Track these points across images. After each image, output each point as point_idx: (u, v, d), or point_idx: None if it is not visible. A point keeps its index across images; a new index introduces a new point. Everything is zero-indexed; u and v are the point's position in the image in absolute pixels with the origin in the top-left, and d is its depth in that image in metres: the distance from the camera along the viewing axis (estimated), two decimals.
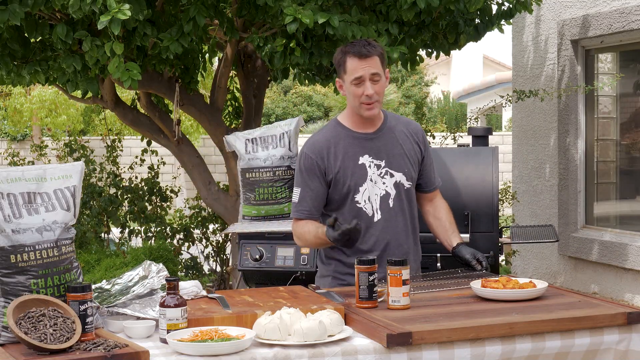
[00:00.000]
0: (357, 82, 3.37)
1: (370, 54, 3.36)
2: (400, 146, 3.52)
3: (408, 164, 3.51)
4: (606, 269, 7.42)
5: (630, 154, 7.67)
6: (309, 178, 3.48)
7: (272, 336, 2.61)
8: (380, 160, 3.48)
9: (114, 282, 3.05)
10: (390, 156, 3.49)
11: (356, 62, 3.36)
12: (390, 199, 3.48)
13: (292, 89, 26.47)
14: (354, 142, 3.48)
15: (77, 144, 8.97)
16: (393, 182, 3.48)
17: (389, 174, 3.48)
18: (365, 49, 3.36)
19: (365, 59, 3.36)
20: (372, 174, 3.46)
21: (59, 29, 5.07)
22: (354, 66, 3.37)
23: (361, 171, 3.46)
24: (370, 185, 3.46)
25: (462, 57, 22.91)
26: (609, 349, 2.82)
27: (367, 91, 3.37)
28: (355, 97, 3.40)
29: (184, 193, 14.01)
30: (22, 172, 2.73)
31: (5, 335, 2.61)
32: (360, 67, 3.36)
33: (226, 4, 5.71)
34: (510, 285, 3.07)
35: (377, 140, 3.50)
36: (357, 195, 3.45)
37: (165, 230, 8.13)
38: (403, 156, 3.51)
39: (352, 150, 3.47)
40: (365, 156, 3.47)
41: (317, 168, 3.46)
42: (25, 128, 16.72)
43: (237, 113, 7.62)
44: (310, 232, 3.46)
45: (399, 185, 3.49)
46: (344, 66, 3.40)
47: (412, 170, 3.53)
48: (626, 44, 7.39)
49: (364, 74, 3.36)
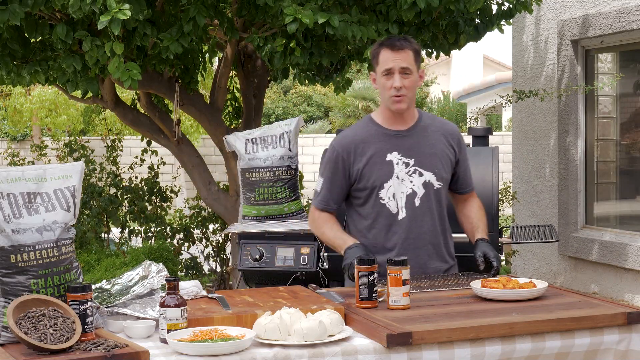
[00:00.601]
0: (387, 73, 3.38)
1: (404, 47, 3.37)
2: (432, 146, 3.49)
3: (439, 164, 3.48)
4: (606, 269, 7.42)
5: (630, 154, 7.67)
6: (331, 171, 3.50)
7: (272, 336, 2.61)
8: (410, 159, 3.45)
9: (114, 282, 3.05)
10: (421, 155, 3.46)
11: (388, 54, 3.37)
12: (416, 198, 3.45)
13: (292, 89, 26.47)
14: (383, 139, 3.47)
15: (77, 144, 8.97)
16: (422, 182, 3.45)
17: (418, 173, 3.45)
18: (400, 42, 3.37)
19: (398, 52, 3.36)
20: (399, 171, 3.44)
21: (59, 29, 5.07)
22: (385, 58, 3.38)
23: (387, 168, 3.44)
24: (397, 182, 3.44)
25: (462, 57, 22.92)
26: (609, 349, 2.82)
27: (395, 83, 3.36)
28: (384, 89, 3.41)
29: (184, 193, 14.02)
30: (22, 172, 2.73)
31: (5, 335, 2.61)
32: (391, 59, 3.36)
33: (226, 4, 5.71)
34: (510, 285, 3.07)
35: (408, 138, 3.48)
36: (381, 192, 3.45)
37: (165, 230, 8.13)
38: (434, 156, 3.48)
39: (380, 147, 3.46)
40: (393, 153, 3.45)
41: (342, 162, 3.47)
42: (25, 128, 16.72)
43: (237, 113, 7.62)
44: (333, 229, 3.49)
45: (428, 185, 3.46)
46: (377, 58, 3.41)
47: (444, 170, 3.49)
48: (626, 44, 7.39)
49: (393, 66, 3.36)
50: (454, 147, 3.54)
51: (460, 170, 3.59)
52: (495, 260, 3.36)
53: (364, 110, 24.19)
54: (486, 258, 3.38)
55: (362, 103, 24.19)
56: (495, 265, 3.36)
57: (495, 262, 3.36)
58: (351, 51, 6.04)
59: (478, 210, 3.61)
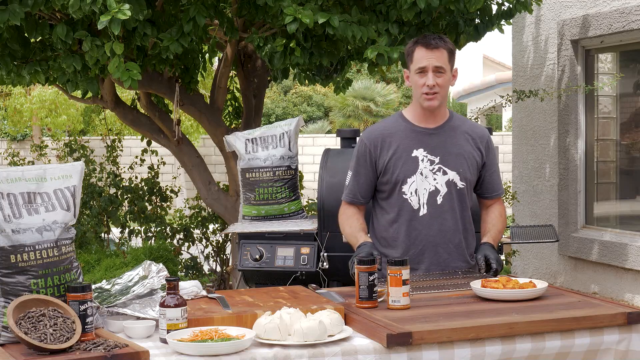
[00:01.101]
0: (421, 71, 3.40)
1: (439, 46, 3.39)
2: (460, 146, 3.51)
3: (464, 165, 3.50)
4: (606, 269, 7.41)
5: (630, 154, 7.67)
6: (359, 164, 3.55)
7: (272, 336, 2.61)
8: (435, 157, 3.47)
9: (114, 282, 3.05)
10: (447, 154, 3.48)
11: (423, 52, 3.39)
12: (439, 196, 3.47)
13: (292, 89, 26.48)
14: (411, 135, 3.49)
15: (77, 144, 8.98)
16: (445, 180, 3.47)
17: (442, 171, 3.47)
18: (435, 41, 3.39)
19: (433, 50, 3.38)
20: (423, 167, 3.46)
21: (59, 29, 5.07)
22: (420, 56, 3.40)
23: (412, 163, 3.46)
24: (420, 178, 3.46)
25: (462, 57, 22.84)
26: (609, 349, 2.82)
27: (428, 81, 3.38)
28: (417, 86, 3.43)
29: (184, 193, 14.02)
30: (22, 172, 2.73)
31: (5, 335, 2.61)
32: (425, 58, 3.38)
33: (226, 4, 5.71)
34: (510, 285, 3.07)
35: (436, 137, 3.50)
36: (404, 187, 3.47)
37: (165, 230, 8.13)
38: (460, 156, 3.50)
39: (407, 142, 3.48)
40: (420, 150, 3.47)
41: (369, 155, 3.51)
42: (25, 128, 16.71)
43: (237, 113, 7.62)
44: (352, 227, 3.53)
45: (451, 184, 3.48)
46: (412, 56, 3.43)
47: (468, 172, 3.50)
48: (626, 44, 7.39)
49: (427, 65, 3.38)
50: (481, 150, 3.56)
51: (486, 174, 3.59)
52: (495, 263, 3.38)
53: (364, 110, 24.19)
54: (487, 260, 3.39)
55: (362, 103, 24.19)
56: (494, 267, 3.37)
57: (495, 264, 3.37)
58: (351, 51, 6.04)
59: (497, 217, 3.62)
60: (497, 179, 3.65)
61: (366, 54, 5.19)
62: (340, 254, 4.28)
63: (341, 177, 4.48)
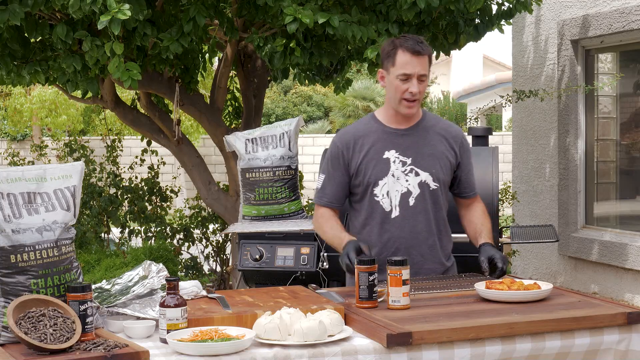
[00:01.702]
0: (405, 77, 3.34)
1: (424, 52, 3.33)
2: (432, 146, 3.47)
3: (437, 165, 3.46)
4: (606, 269, 7.41)
5: (630, 154, 7.67)
6: (332, 167, 3.50)
7: (272, 336, 2.61)
8: (407, 158, 3.44)
9: (114, 282, 3.05)
10: (419, 155, 3.45)
11: (408, 57, 3.33)
12: (411, 197, 3.43)
13: (292, 89, 26.48)
14: (382, 137, 3.46)
15: (77, 144, 8.98)
16: (418, 181, 3.43)
17: (415, 172, 3.44)
18: (419, 46, 3.33)
19: (418, 57, 3.33)
20: (395, 169, 3.43)
21: (59, 29, 5.07)
22: (405, 61, 3.33)
23: (384, 165, 3.43)
24: (392, 180, 3.43)
25: (462, 57, 22.91)
26: (609, 349, 2.82)
27: (412, 88, 3.34)
28: (398, 91, 3.37)
29: (184, 193, 14.01)
30: (22, 172, 2.73)
31: (5, 335, 2.61)
32: (411, 64, 3.32)
33: (226, 4, 5.71)
34: (515, 286, 3.06)
35: (408, 137, 3.46)
36: (375, 189, 3.44)
37: (165, 230, 8.13)
38: (433, 157, 3.46)
39: (379, 144, 3.45)
40: (391, 151, 3.44)
41: (342, 158, 3.48)
42: (25, 128, 16.71)
43: (237, 113, 7.62)
44: (333, 228, 3.46)
45: (423, 185, 3.44)
46: (393, 58, 3.35)
47: (442, 172, 3.46)
48: (626, 44, 7.39)
49: (413, 72, 3.32)
50: (455, 149, 3.52)
51: (462, 174, 3.56)
52: (500, 262, 3.30)
53: (364, 110, 24.19)
54: (491, 260, 3.31)
55: (362, 103, 24.20)
56: (500, 266, 3.30)
57: (500, 263, 3.30)
58: (351, 51, 6.04)
59: (481, 215, 3.57)
60: (473, 178, 3.61)
61: (366, 54, 5.19)
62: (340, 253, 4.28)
63: None
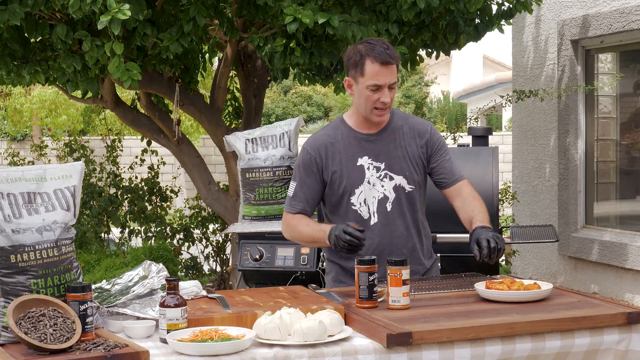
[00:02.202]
0: (375, 88, 3.28)
1: (392, 62, 3.27)
2: (403, 148, 3.42)
3: (410, 167, 3.41)
4: (606, 269, 7.41)
5: (630, 154, 7.67)
6: (305, 174, 3.43)
7: (272, 336, 2.61)
8: (380, 163, 3.40)
9: (114, 282, 3.05)
10: (391, 158, 3.40)
11: (377, 68, 3.25)
12: (388, 203, 3.39)
13: (292, 89, 26.48)
14: (354, 143, 3.41)
15: (77, 144, 8.98)
16: (392, 185, 3.39)
17: (389, 177, 3.40)
18: (387, 53, 3.25)
19: (387, 66, 3.26)
20: (370, 176, 3.39)
21: (59, 29, 5.08)
22: (374, 72, 3.26)
23: (358, 173, 3.39)
24: (368, 187, 3.39)
25: (462, 57, 22.91)
26: (609, 349, 2.82)
27: (383, 98, 3.28)
28: (368, 101, 3.31)
29: (184, 193, 14.01)
30: (22, 172, 2.73)
31: (5, 335, 2.61)
32: (381, 75, 3.26)
33: (226, 4, 5.71)
34: (515, 286, 3.06)
35: (378, 142, 3.42)
36: (352, 197, 3.39)
37: (165, 230, 8.14)
38: (405, 158, 3.42)
39: (351, 151, 3.40)
40: (364, 157, 3.40)
41: (315, 165, 3.41)
42: (25, 128, 16.71)
43: (237, 113, 7.63)
44: (309, 225, 3.38)
45: (398, 189, 3.40)
46: (362, 68, 3.28)
47: (415, 173, 3.42)
48: (626, 44, 7.39)
49: (384, 82, 3.27)
50: (424, 145, 3.45)
51: (439, 164, 3.45)
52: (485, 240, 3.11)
53: None
54: (479, 243, 3.14)
55: None
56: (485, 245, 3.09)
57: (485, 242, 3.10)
58: None
59: (472, 200, 3.39)
60: (451, 164, 3.46)
61: None
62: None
63: None
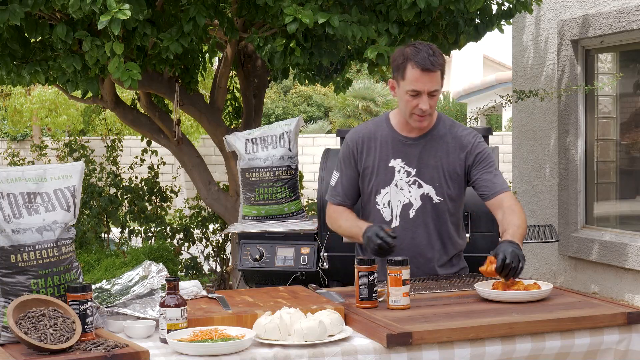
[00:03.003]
0: (414, 94, 3.23)
1: (434, 69, 3.19)
2: (439, 158, 3.36)
3: (442, 179, 3.36)
4: (606, 269, 7.41)
5: (630, 154, 7.67)
6: (344, 165, 3.45)
7: (272, 336, 2.61)
8: (412, 168, 3.35)
9: (114, 282, 3.05)
10: (424, 166, 3.35)
11: (418, 74, 3.20)
12: (412, 209, 3.36)
13: (292, 89, 26.48)
14: (391, 143, 3.38)
15: (77, 144, 8.98)
16: (420, 194, 3.35)
17: (417, 184, 3.35)
18: (431, 60, 3.18)
19: (428, 73, 3.19)
20: (399, 179, 3.36)
21: (59, 29, 5.07)
22: (414, 77, 3.20)
23: (388, 174, 3.36)
24: (394, 190, 3.36)
25: (462, 57, 22.91)
26: (609, 349, 2.82)
27: (422, 105, 3.23)
28: (407, 106, 3.27)
29: (184, 193, 14.01)
30: (22, 172, 2.73)
31: (5, 335, 2.61)
32: (421, 81, 3.20)
33: (226, 4, 5.72)
34: (515, 286, 3.06)
35: (415, 147, 3.36)
36: (377, 197, 3.39)
37: (165, 230, 8.14)
38: (438, 169, 3.36)
39: (386, 151, 3.37)
40: (397, 160, 3.36)
41: (352, 157, 3.42)
42: (25, 128, 16.71)
43: (237, 113, 7.63)
44: (348, 220, 3.39)
45: (425, 198, 3.36)
46: (403, 72, 3.23)
47: (446, 185, 3.36)
48: (626, 44, 7.39)
49: (423, 89, 3.21)
50: (464, 159, 3.37)
51: (477, 177, 3.37)
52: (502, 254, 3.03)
53: (363, 110, 24.19)
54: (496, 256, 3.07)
55: (362, 103, 24.19)
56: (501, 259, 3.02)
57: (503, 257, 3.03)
58: (351, 51, 6.04)
59: (510, 214, 3.26)
60: (494, 177, 3.38)
61: (366, 54, 5.19)
62: (340, 254, 4.28)
63: None
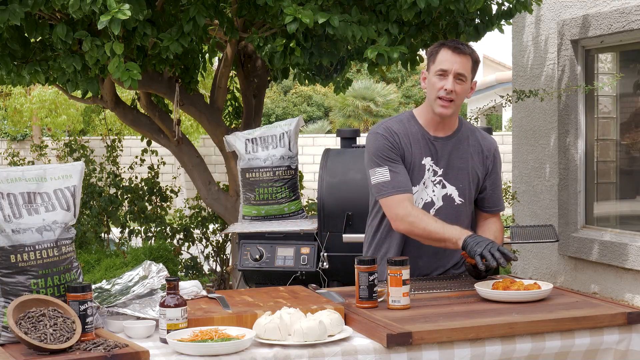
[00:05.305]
0: (442, 74, 3.26)
1: (466, 52, 3.26)
2: (464, 160, 3.38)
3: (465, 181, 3.38)
4: (606, 269, 7.41)
5: (630, 154, 7.67)
6: (390, 158, 3.31)
7: (272, 336, 2.61)
8: (439, 168, 3.36)
9: (114, 282, 3.05)
10: (450, 167, 3.37)
11: (449, 54, 3.26)
12: (432, 209, 3.35)
13: (292, 89, 26.49)
14: (422, 142, 3.37)
15: (77, 144, 8.99)
16: (443, 194, 3.36)
17: (442, 184, 3.36)
18: (463, 46, 3.27)
19: (458, 55, 3.25)
20: (427, 177, 3.35)
21: (59, 29, 5.08)
22: (444, 57, 3.26)
23: (420, 172, 3.36)
24: (421, 188, 3.36)
25: None
26: (609, 349, 2.82)
27: (447, 85, 3.24)
28: (434, 88, 3.28)
29: (184, 193, 14.02)
30: (22, 172, 2.73)
31: (5, 335, 2.61)
32: (449, 61, 3.25)
33: (226, 4, 5.72)
34: (515, 286, 3.06)
35: (443, 147, 3.37)
36: None
37: (165, 230, 8.14)
38: (463, 171, 3.38)
39: (418, 149, 3.36)
40: (427, 158, 3.36)
41: (397, 148, 3.32)
42: (25, 128, 16.72)
43: (237, 113, 7.63)
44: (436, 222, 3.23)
45: (448, 199, 3.36)
46: (435, 56, 3.29)
47: (468, 187, 3.38)
48: (626, 44, 7.38)
49: (450, 68, 3.24)
50: (487, 164, 3.44)
51: (489, 187, 3.46)
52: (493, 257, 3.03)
53: (364, 110, 24.21)
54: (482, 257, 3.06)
55: (362, 103, 24.21)
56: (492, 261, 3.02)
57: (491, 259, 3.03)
58: (351, 51, 6.04)
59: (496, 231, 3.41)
60: (500, 194, 3.52)
61: (366, 54, 5.19)
62: (340, 254, 4.29)
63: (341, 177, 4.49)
